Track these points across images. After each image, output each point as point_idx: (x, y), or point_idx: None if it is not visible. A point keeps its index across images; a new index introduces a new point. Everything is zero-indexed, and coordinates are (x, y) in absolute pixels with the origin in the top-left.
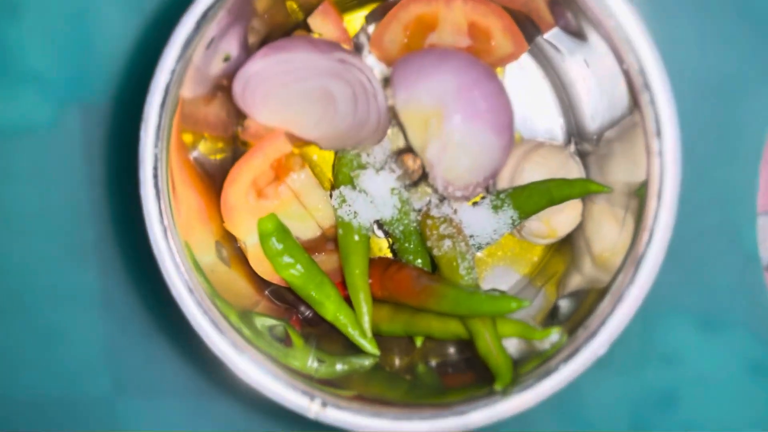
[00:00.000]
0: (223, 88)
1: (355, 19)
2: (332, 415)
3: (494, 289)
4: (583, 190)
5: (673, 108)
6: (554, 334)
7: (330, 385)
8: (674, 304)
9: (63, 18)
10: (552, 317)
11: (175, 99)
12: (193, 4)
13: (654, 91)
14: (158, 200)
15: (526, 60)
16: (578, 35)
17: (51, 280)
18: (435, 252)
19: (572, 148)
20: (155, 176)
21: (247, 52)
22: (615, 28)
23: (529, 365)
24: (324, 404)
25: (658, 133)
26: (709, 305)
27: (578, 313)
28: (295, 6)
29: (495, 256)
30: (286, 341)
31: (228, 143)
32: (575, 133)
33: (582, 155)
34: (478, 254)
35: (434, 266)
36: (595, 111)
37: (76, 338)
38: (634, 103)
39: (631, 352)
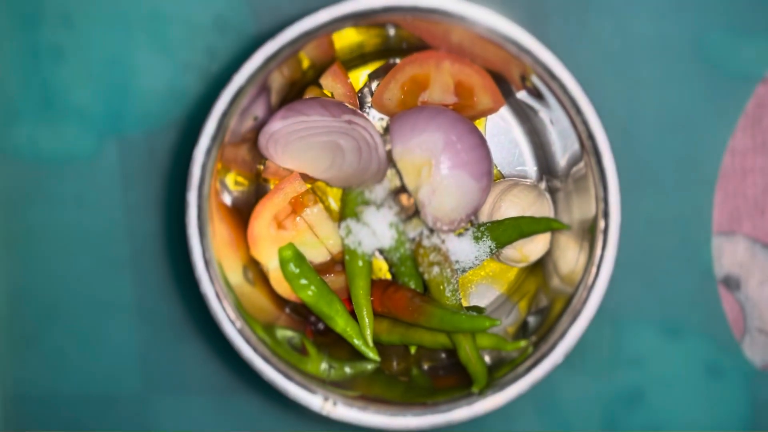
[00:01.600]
0: (248, 138)
1: (359, 75)
2: (341, 412)
3: (475, 307)
4: (547, 227)
5: (614, 169)
6: (522, 346)
7: (338, 386)
8: (639, 314)
9: (102, 61)
10: (522, 330)
11: (214, 158)
12: (228, 85)
13: (600, 153)
14: (201, 237)
15: (505, 113)
16: (541, 99)
17: (91, 291)
18: (426, 276)
19: (544, 185)
20: (199, 218)
21: (270, 111)
22: (567, 101)
23: (502, 371)
24: (335, 403)
25: (604, 188)
26: (670, 314)
27: (542, 328)
28: (306, 67)
29: (478, 276)
30: (302, 350)
31: (251, 179)
32: (546, 171)
33: (552, 191)
34: (462, 275)
35: (425, 287)
36: (560, 154)
37: (112, 342)
38: (584, 156)
39: (601, 356)
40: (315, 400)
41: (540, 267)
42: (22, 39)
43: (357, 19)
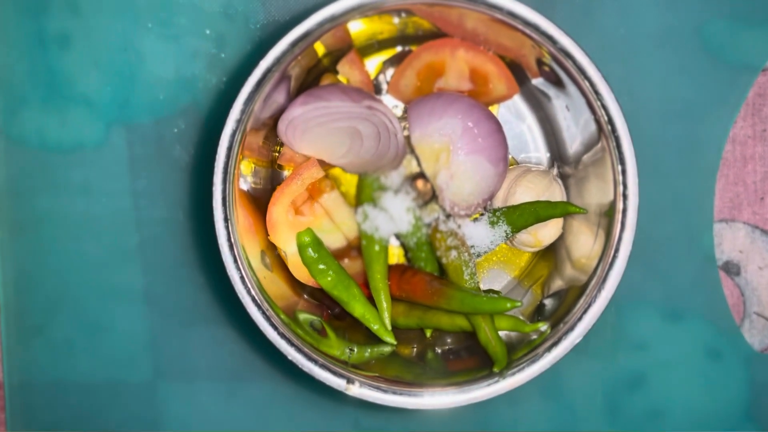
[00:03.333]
0: (266, 124)
1: (373, 62)
2: (365, 392)
3: (491, 290)
4: (564, 211)
5: (633, 152)
6: (541, 327)
7: (357, 368)
8: (642, 298)
9: (110, 48)
10: (538, 313)
11: (238, 142)
12: (255, 69)
13: (619, 137)
14: (226, 221)
15: (518, 100)
16: (558, 85)
17: (100, 279)
18: (443, 260)
19: (555, 171)
20: (224, 202)
21: (289, 97)
22: (587, 86)
23: (520, 352)
24: (360, 385)
25: (623, 172)
26: (672, 299)
27: (560, 310)
28: (322, 55)
29: (490, 261)
30: (321, 332)
31: (266, 166)
32: (558, 158)
33: (563, 177)
34: (477, 259)
35: (442, 271)
36: (572, 140)
37: (121, 329)
38: (602, 140)
39: (605, 340)
40: (339, 381)
41: (551, 252)
42: (29, 26)
43: (377, 6)
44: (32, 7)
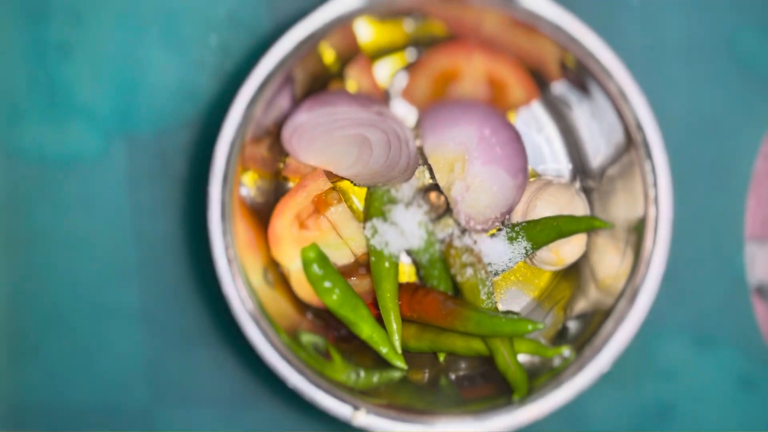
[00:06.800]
0: (270, 132)
1: (385, 67)
2: (373, 422)
3: (510, 312)
4: (589, 226)
5: (666, 161)
6: (564, 352)
7: (364, 394)
8: (670, 324)
9: (111, 58)
10: (561, 337)
11: (237, 150)
12: (254, 70)
13: (650, 146)
14: (223, 234)
15: (537, 107)
16: (583, 90)
17: (96, 297)
18: (458, 279)
19: (578, 185)
20: (222, 214)
21: (294, 103)
22: (615, 89)
23: (542, 379)
24: (368, 413)
25: (654, 183)
26: (702, 325)
27: (585, 334)
28: (330, 60)
29: (508, 280)
30: (326, 356)
31: (270, 178)
32: (580, 171)
33: (586, 191)
34: (494, 278)
35: (456, 291)
36: (596, 152)
37: (117, 351)
38: (631, 149)
39: (631, 368)
40: (344, 409)
41: (574, 271)
42: (28, 35)
43: (387, 6)
44: (33, 15)
